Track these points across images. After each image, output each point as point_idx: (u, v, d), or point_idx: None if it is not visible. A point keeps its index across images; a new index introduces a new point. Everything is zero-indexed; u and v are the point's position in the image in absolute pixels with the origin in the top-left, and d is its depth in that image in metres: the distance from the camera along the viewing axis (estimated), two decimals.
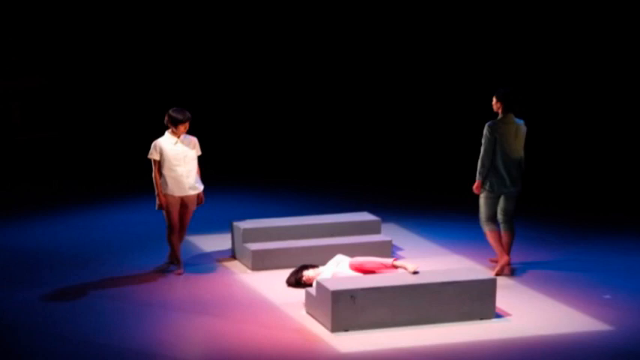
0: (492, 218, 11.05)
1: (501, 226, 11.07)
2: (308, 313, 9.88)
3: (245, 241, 11.43)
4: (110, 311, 10.02)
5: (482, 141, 10.90)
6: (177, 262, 11.18)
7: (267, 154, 17.35)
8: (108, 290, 10.59)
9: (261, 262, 11.22)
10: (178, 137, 10.98)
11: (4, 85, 17.50)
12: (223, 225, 12.23)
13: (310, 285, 10.30)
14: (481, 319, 9.76)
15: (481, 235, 11.22)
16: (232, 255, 11.70)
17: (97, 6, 18.29)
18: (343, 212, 12.33)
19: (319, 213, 12.41)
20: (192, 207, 11.15)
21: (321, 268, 10.56)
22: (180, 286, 10.79)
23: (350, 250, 10.92)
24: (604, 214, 13.85)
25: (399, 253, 11.74)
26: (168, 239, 11.12)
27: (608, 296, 10.50)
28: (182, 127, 10.93)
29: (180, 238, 11.19)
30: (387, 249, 11.50)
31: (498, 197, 11.02)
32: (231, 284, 10.85)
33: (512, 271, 11.09)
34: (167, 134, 10.98)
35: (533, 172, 13.30)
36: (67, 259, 11.61)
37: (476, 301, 9.75)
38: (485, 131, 10.88)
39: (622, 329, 9.63)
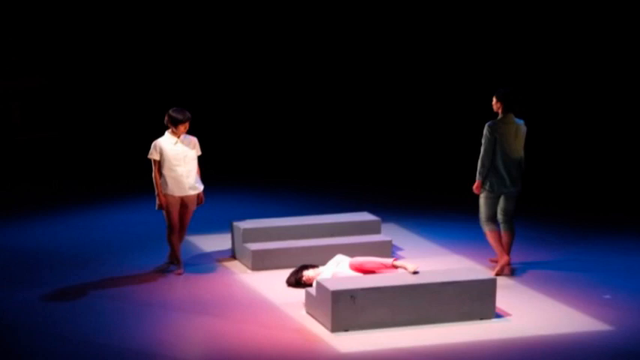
0: (492, 218, 11.05)
1: (501, 226, 11.06)
2: (308, 313, 9.88)
3: (245, 241, 11.43)
4: (110, 311, 10.02)
5: (482, 141, 10.90)
6: (177, 262, 11.17)
7: (267, 154, 17.34)
8: (108, 290, 10.59)
9: (261, 262, 11.21)
10: (178, 137, 10.97)
11: (4, 85, 17.49)
12: (223, 225, 12.23)
13: (310, 285, 10.29)
14: (481, 319, 9.76)
15: (481, 235, 11.22)
16: (232, 255, 11.70)
17: (96, 6, 18.29)
18: (343, 212, 12.32)
19: (319, 213, 12.41)
20: (192, 207, 11.15)
21: (321, 268, 10.55)
22: (180, 286, 10.79)
23: (350, 250, 10.91)
24: (604, 214, 13.84)
25: (399, 253, 11.74)
26: (168, 239, 11.12)
27: (608, 296, 10.49)
28: (182, 127, 10.92)
29: (180, 238, 11.19)
30: (387, 249, 11.50)
31: (498, 197, 11.01)
32: (231, 284, 10.85)
33: (512, 271, 11.08)
34: (167, 134, 10.98)
35: (533, 172, 13.29)
36: (67, 259, 11.61)
37: (476, 301, 9.74)
38: (485, 131, 10.87)
39: (622, 329, 9.62)
